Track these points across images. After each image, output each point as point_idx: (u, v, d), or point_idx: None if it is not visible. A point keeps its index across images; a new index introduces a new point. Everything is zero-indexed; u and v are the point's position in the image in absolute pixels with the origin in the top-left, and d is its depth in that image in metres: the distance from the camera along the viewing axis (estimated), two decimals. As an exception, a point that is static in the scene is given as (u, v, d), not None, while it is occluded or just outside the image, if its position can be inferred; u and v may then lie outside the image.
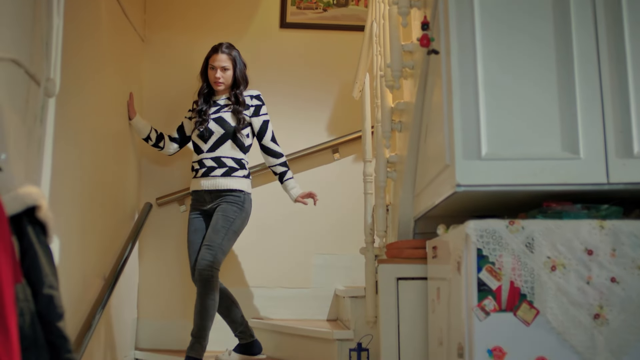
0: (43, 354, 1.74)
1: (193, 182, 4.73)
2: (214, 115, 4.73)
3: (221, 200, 4.59)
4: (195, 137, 4.74)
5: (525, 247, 2.67)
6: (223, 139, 4.66)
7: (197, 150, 4.73)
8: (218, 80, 4.74)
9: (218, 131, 4.66)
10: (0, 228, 1.54)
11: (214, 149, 4.65)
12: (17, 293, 1.66)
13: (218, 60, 4.73)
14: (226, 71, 4.75)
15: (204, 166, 4.65)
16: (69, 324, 1.91)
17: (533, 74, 2.81)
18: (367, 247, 4.23)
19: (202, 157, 4.67)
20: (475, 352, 2.65)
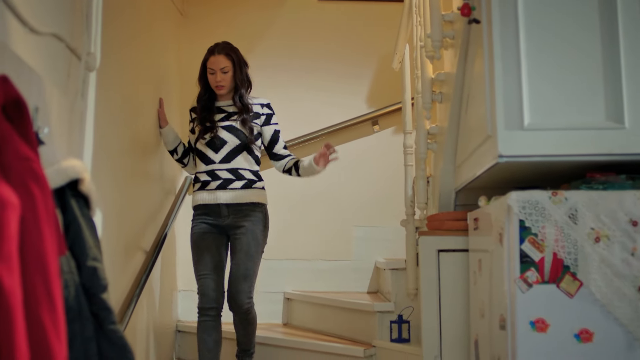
0: (87, 325, 1.77)
1: (201, 195, 4.23)
2: (224, 123, 4.25)
3: (244, 218, 4.14)
4: (203, 146, 4.24)
5: (568, 218, 2.64)
6: (238, 150, 4.21)
7: (206, 160, 4.23)
8: (219, 84, 4.25)
9: (232, 141, 4.20)
10: (44, 201, 1.55)
11: (228, 160, 4.20)
12: (62, 265, 1.68)
13: (216, 62, 4.23)
14: (226, 73, 4.24)
15: (218, 178, 4.18)
16: (112, 296, 1.92)
17: (577, 42, 2.75)
18: (408, 219, 4.22)
19: (214, 167, 4.20)
20: (518, 324, 2.64)
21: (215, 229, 4.16)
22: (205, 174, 4.21)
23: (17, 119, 1.64)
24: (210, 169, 4.19)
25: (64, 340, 1.50)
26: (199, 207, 4.21)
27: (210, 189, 4.17)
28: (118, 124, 3.66)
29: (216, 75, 4.22)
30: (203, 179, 4.21)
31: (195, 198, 4.25)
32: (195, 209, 4.24)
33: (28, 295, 1.44)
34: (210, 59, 4.25)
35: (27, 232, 1.48)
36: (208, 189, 4.18)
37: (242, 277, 4.06)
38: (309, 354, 4.48)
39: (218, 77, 4.22)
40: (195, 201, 4.24)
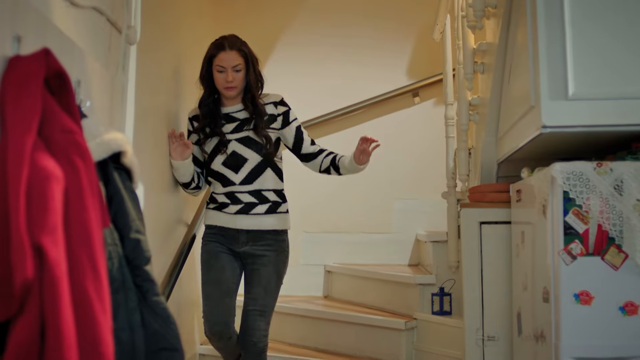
0: (131, 297, 1.78)
1: (218, 216, 3.64)
2: (238, 134, 3.61)
3: (265, 247, 3.56)
4: (220, 167, 3.60)
5: (613, 189, 2.60)
6: (261, 168, 3.59)
7: (224, 181, 3.60)
8: (230, 85, 3.57)
9: (253, 158, 3.57)
10: (87, 174, 1.56)
11: (250, 181, 3.57)
12: (105, 237, 1.69)
13: (227, 59, 3.55)
14: (238, 72, 3.57)
15: (238, 201, 3.57)
16: (155, 268, 1.94)
17: (623, 9, 2.70)
18: (449, 192, 4.19)
19: (234, 190, 3.59)
20: (562, 296, 2.62)
21: (230, 251, 3.61)
22: (224, 195, 3.61)
23: (60, 92, 1.65)
24: (229, 191, 3.60)
25: (108, 311, 1.51)
26: (214, 228, 3.65)
27: (229, 212, 3.59)
28: (158, 97, 3.68)
29: (227, 74, 3.55)
30: (221, 201, 3.61)
31: (209, 216, 3.67)
32: (208, 227, 3.68)
33: (73, 266, 1.45)
34: (220, 55, 3.56)
35: (71, 205, 1.48)
36: (226, 211, 3.60)
37: (258, 314, 3.52)
38: (350, 326, 4.49)
39: (229, 76, 3.55)
40: (209, 220, 3.67)
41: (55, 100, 1.61)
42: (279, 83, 5.41)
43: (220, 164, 3.60)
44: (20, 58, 1.56)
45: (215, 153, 3.61)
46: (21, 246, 1.35)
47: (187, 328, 4.22)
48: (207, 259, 3.62)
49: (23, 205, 1.38)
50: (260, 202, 3.57)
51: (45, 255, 1.38)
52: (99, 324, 1.45)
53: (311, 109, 5.43)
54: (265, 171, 3.59)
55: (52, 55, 1.60)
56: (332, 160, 3.72)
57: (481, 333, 3.47)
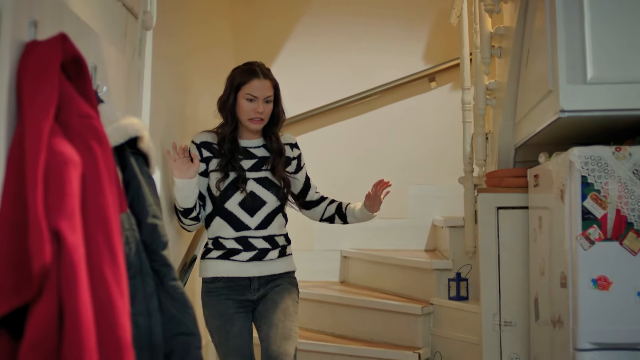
0: (148, 282, 1.78)
1: (224, 265, 3.16)
2: (257, 174, 3.22)
3: (276, 283, 3.19)
4: (235, 207, 3.15)
5: (632, 174, 2.58)
6: (275, 213, 3.22)
7: (237, 224, 3.15)
8: (260, 117, 3.19)
9: (271, 202, 3.20)
10: (105, 158, 1.56)
11: (265, 225, 3.18)
12: (123, 222, 1.69)
13: (261, 88, 3.18)
14: (268, 103, 3.20)
15: (252, 248, 3.15)
16: (172, 253, 1.94)
17: (643, -8, 2.67)
18: (466, 177, 4.18)
19: (248, 235, 3.16)
20: (579, 281, 2.61)
21: (242, 309, 3.15)
22: (234, 241, 3.15)
23: (77, 77, 1.65)
24: (241, 236, 3.15)
25: (126, 296, 1.51)
26: (219, 280, 3.15)
27: (240, 259, 3.14)
28: (174, 83, 3.68)
29: (258, 105, 3.16)
30: (230, 247, 3.15)
31: (212, 267, 3.18)
32: (212, 280, 3.17)
33: (90, 251, 1.46)
34: (253, 82, 3.17)
35: (88, 189, 1.49)
36: (236, 259, 3.15)
37: (283, 337, 3.08)
38: (366, 312, 4.49)
39: (260, 107, 3.16)
40: (213, 271, 3.17)
41: (72, 86, 1.62)
42: (295, 71, 5.43)
43: (236, 204, 3.15)
44: (37, 43, 1.56)
45: (231, 191, 3.15)
46: (39, 231, 1.35)
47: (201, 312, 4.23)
48: (222, 325, 3.11)
49: (41, 190, 1.39)
50: (273, 248, 3.19)
51: (63, 240, 1.38)
52: (116, 309, 1.45)
53: (327, 95, 5.42)
54: (278, 216, 3.23)
55: (69, 40, 1.60)
56: (338, 209, 3.41)
57: (498, 318, 3.47)
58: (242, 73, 3.22)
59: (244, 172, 3.16)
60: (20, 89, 1.52)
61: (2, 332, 1.41)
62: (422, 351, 4.18)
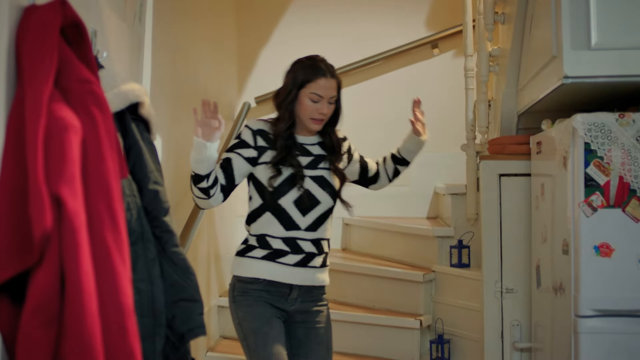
0: (150, 247, 1.78)
1: (268, 267, 2.91)
2: (312, 172, 2.98)
3: (315, 303, 2.99)
4: (289, 204, 2.91)
5: (635, 140, 2.57)
6: (327, 215, 3.00)
7: (288, 223, 2.92)
8: (322, 117, 2.96)
9: (326, 202, 2.97)
10: (105, 124, 1.55)
11: (315, 227, 2.95)
12: (124, 188, 1.69)
13: (327, 87, 2.94)
14: (331, 105, 2.97)
15: (299, 250, 2.92)
16: (174, 220, 1.94)
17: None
18: (469, 144, 4.17)
19: (297, 236, 2.92)
20: (581, 248, 2.60)
21: (279, 316, 2.93)
22: (282, 241, 2.91)
23: (76, 42, 1.64)
24: (290, 236, 2.91)
25: (127, 262, 1.51)
26: (258, 282, 2.91)
27: (285, 262, 2.90)
28: (175, 49, 3.66)
29: (322, 105, 2.93)
30: (277, 247, 2.91)
31: (253, 266, 2.93)
32: (250, 281, 2.92)
33: (91, 217, 1.45)
34: (320, 81, 2.92)
35: (89, 155, 1.48)
36: (282, 261, 2.90)
37: None
38: (368, 279, 4.50)
39: (324, 107, 2.93)
40: (252, 271, 2.93)
41: (71, 51, 1.60)
42: (296, 39, 5.39)
43: (291, 201, 2.90)
44: (36, 7, 1.55)
45: (287, 187, 2.90)
46: (40, 197, 1.35)
47: (205, 281, 4.25)
48: (260, 328, 2.88)
49: (41, 156, 1.38)
50: (319, 253, 2.97)
51: (64, 205, 1.38)
52: (118, 274, 1.45)
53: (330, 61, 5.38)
54: (329, 218, 3.02)
55: (68, 4, 1.58)
56: (394, 159, 3.28)
57: (499, 285, 3.47)
58: (306, 69, 2.95)
59: (302, 169, 2.93)
60: (19, 54, 1.51)
61: (5, 298, 1.41)
62: (423, 318, 4.20)
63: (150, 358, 1.72)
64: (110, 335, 1.43)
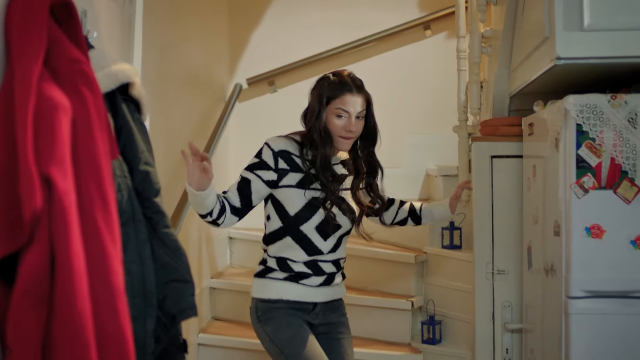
0: (141, 228, 1.78)
1: (292, 288, 2.83)
2: None
3: (337, 314, 2.96)
4: (312, 230, 2.81)
5: (627, 122, 2.57)
6: (345, 235, 2.94)
7: (310, 248, 2.82)
8: (350, 135, 2.81)
9: (345, 226, 2.89)
10: (95, 104, 1.54)
11: (335, 249, 2.89)
12: (114, 169, 1.68)
13: (354, 103, 2.79)
14: (360, 120, 2.83)
15: (322, 272, 2.86)
16: (165, 202, 1.93)
17: None
18: (461, 125, 4.16)
19: (319, 259, 2.85)
20: (573, 229, 2.61)
21: (306, 324, 2.87)
22: (304, 264, 2.83)
23: (66, 21, 1.63)
24: (312, 259, 2.83)
25: (118, 243, 1.51)
26: (282, 302, 2.83)
27: (309, 284, 2.84)
28: (166, 29, 3.64)
29: (349, 122, 2.77)
30: (298, 270, 2.83)
31: (275, 287, 2.84)
32: (276, 302, 2.83)
33: (82, 198, 1.45)
34: (346, 97, 2.77)
35: (79, 135, 1.47)
36: (305, 283, 2.84)
37: None
38: (359, 260, 4.50)
39: (352, 124, 2.78)
40: (277, 292, 2.84)
41: (61, 30, 1.59)
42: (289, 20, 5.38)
43: (313, 227, 2.80)
44: (25, -14, 1.53)
45: (309, 212, 2.78)
46: (30, 177, 1.34)
47: (197, 262, 4.25)
48: (294, 334, 2.80)
49: (30, 136, 1.37)
50: (337, 271, 2.92)
51: (54, 186, 1.37)
52: (108, 255, 1.45)
53: (319, 43, 5.38)
54: (346, 238, 2.94)
55: (57, -17, 1.57)
56: (412, 213, 3.15)
57: (491, 267, 3.48)
58: (331, 85, 2.80)
59: (333, 195, 2.78)
60: (8, 34, 1.50)
61: (-6, 279, 1.41)
62: (415, 299, 4.21)
63: (141, 339, 1.72)
64: (101, 316, 1.43)
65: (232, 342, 4.18)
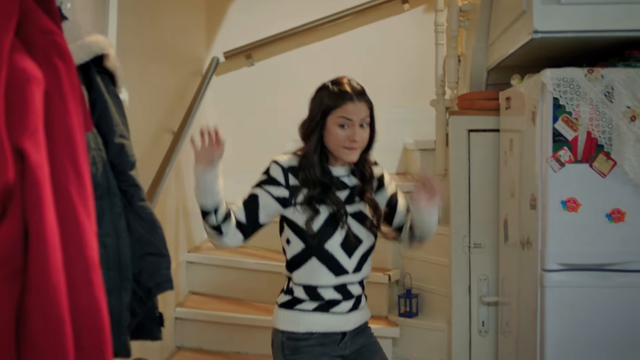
0: (116, 202, 1.77)
1: (321, 318, 2.52)
2: (349, 207, 2.54)
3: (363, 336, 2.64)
4: (337, 248, 2.49)
5: (604, 96, 2.58)
6: (370, 250, 2.60)
7: (337, 268, 2.50)
8: (354, 145, 2.49)
9: (368, 240, 2.57)
10: (68, 76, 1.52)
11: (360, 267, 2.56)
12: (89, 142, 1.66)
13: (356, 111, 2.49)
14: (364, 128, 2.51)
15: (350, 296, 2.55)
16: (140, 175, 1.92)
17: None
18: (438, 99, 4.16)
19: (346, 281, 2.53)
20: (549, 203, 2.62)
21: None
22: (334, 290, 2.53)
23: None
24: (341, 282, 2.53)
25: (92, 216, 1.49)
26: (313, 337, 2.53)
27: (339, 312, 2.54)
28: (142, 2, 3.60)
29: (353, 131, 2.48)
30: (329, 298, 2.52)
31: (305, 320, 2.54)
32: (303, 337, 2.53)
33: (55, 170, 1.43)
34: (347, 106, 2.47)
35: (52, 107, 1.45)
36: (335, 311, 2.54)
37: None
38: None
39: (356, 132, 2.48)
40: (306, 325, 2.54)
41: (33, 1, 1.56)
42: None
43: (338, 244, 2.50)
44: (-4, -45, 1.50)
45: (331, 229, 2.50)
46: (2, 149, 1.32)
47: (174, 236, 4.24)
48: None
49: (2, 108, 1.35)
50: (362, 292, 2.63)
51: (27, 158, 1.35)
52: (83, 228, 1.43)
53: (297, 17, 5.34)
54: (371, 254, 2.62)
55: (29, -48, 1.54)
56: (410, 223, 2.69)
57: (467, 240, 3.50)
58: (331, 96, 2.52)
59: (344, 207, 2.51)
60: (-22, 3, 1.47)
61: (-33, 252, 1.39)
62: (392, 273, 4.22)
63: (117, 312, 1.71)
64: (76, 289, 1.42)
65: (209, 316, 4.17)
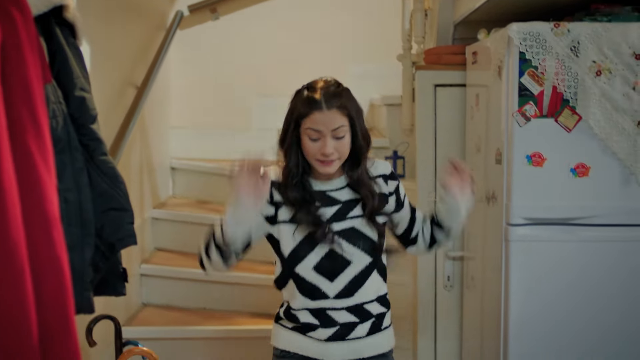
0: (77, 156, 1.73)
1: (297, 339, 2.30)
2: (341, 224, 2.25)
3: None
4: (309, 271, 2.23)
5: (570, 50, 2.58)
6: (368, 272, 2.28)
7: (312, 292, 2.25)
8: (329, 158, 2.18)
9: (360, 261, 2.25)
10: (26, 27, 1.48)
11: (351, 292, 2.26)
12: (48, 94, 1.62)
13: (324, 120, 2.16)
14: (341, 139, 2.18)
15: (332, 323, 2.27)
16: (103, 130, 1.88)
17: None
18: (404, 54, 4.13)
19: (327, 306, 2.26)
20: (514, 157, 2.63)
21: None
22: (309, 313, 2.28)
23: (-7, -62, 1.55)
24: (318, 307, 2.27)
25: (52, 171, 1.46)
26: (290, 356, 2.33)
27: (316, 338, 2.28)
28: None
29: (324, 143, 2.17)
30: (304, 321, 2.28)
31: (283, 337, 2.35)
32: (280, 355, 2.35)
33: (13, 124, 1.39)
34: (314, 115, 2.17)
35: (8, 58, 1.41)
36: (312, 336, 2.29)
37: None
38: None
39: (327, 146, 2.17)
40: (283, 343, 2.35)
41: (-12, -52, 1.51)
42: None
43: (311, 268, 2.24)
44: None
45: (302, 251, 2.25)
46: (-44, 101, 1.29)
47: (139, 192, 4.20)
48: None
49: (-44, 59, 1.31)
50: (362, 321, 2.29)
51: (-17, 111, 1.32)
52: (42, 183, 1.40)
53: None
54: (372, 275, 2.29)
55: None
56: (432, 221, 2.43)
57: (434, 195, 3.50)
58: (303, 103, 2.21)
59: (325, 227, 2.23)
60: None
61: None
62: (358, 228, 4.22)
63: (80, 268, 1.69)
64: (36, 245, 1.39)
65: (175, 272, 4.16)
